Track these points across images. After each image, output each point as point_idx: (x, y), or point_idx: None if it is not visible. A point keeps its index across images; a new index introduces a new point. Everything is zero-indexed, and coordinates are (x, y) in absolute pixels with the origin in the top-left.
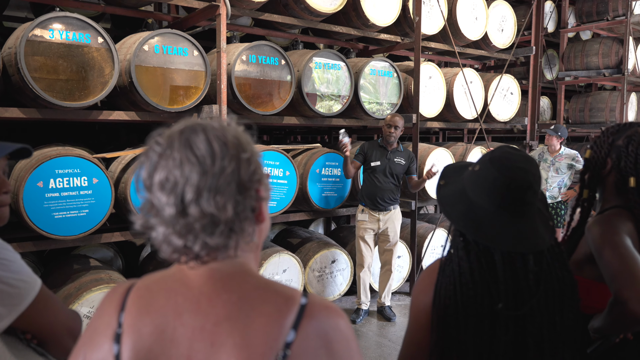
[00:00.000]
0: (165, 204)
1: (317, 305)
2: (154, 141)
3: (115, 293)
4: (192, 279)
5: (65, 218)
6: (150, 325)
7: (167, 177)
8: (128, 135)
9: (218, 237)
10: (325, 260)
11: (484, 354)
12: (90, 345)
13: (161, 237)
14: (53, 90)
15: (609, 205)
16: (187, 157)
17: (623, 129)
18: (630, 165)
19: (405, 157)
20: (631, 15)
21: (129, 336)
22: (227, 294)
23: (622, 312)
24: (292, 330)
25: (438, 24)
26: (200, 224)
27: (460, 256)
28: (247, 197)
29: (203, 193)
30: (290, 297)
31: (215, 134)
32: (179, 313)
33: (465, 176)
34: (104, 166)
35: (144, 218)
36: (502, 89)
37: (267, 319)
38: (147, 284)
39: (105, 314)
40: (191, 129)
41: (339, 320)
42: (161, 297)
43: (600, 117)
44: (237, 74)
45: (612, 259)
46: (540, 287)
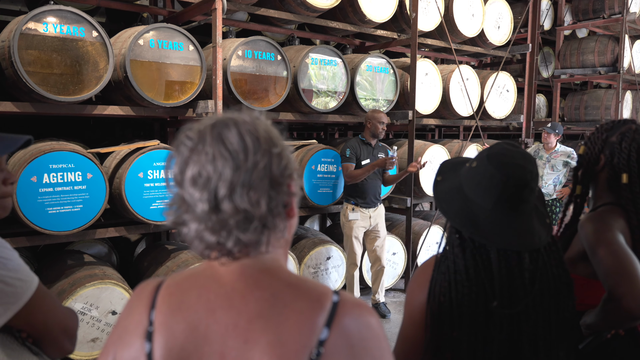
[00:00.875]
0: (198, 200)
1: (349, 303)
2: (185, 135)
3: (144, 291)
4: (223, 276)
5: (59, 213)
6: (183, 323)
7: (199, 173)
8: (123, 130)
9: (251, 233)
10: (321, 257)
11: (478, 352)
12: (120, 344)
13: (193, 234)
14: (47, 85)
15: (601, 202)
16: (220, 151)
17: (617, 125)
18: (623, 162)
19: (383, 152)
20: (627, 13)
21: (161, 334)
22: (260, 291)
23: (616, 308)
24: (325, 328)
25: (435, 20)
26: (234, 220)
27: (456, 253)
28: (279, 193)
29: (236, 189)
30: (323, 294)
31: (247, 128)
32: (211, 310)
33: (462, 172)
34: (99, 161)
35: (175, 214)
36: (498, 86)
37: (300, 317)
38: (177, 281)
39: (135, 312)
40: (223, 123)
41: (371, 318)
42: (193, 294)
43: (595, 115)
44: (233, 69)
45: (606, 256)
46: (535, 286)
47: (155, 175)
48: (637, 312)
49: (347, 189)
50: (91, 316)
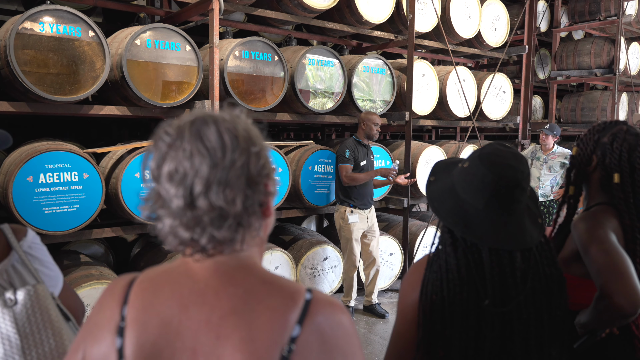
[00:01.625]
0: (174, 196)
1: (321, 301)
2: (164, 131)
3: (116, 286)
4: (197, 272)
5: (55, 213)
6: (155, 318)
7: (176, 169)
8: (119, 130)
9: (226, 230)
10: (317, 257)
11: (470, 350)
12: (90, 340)
13: (167, 229)
14: (43, 84)
15: (594, 202)
16: (198, 148)
17: (609, 126)
18: (615, 162)
19: (373, 152)
20: (623, 15)
21: (133, 329)
22: (233, 288)
23: (608, 306)
24: (297, 325)
25: (431, 21)
26: (209, 217)
27: (448, 252)
28: (255, 192)
29: (212, 186)
30: (296, 292)
31: (226, 126)
32: (184, 306)
33: (455, 173)
34: (95, 161)
35: (150, 208)
36: (495, 87)
37: (273, 314)
38: (151, 277)
39: (107, 308)
40: (202, 120)
41: (343, 317)
42: (166, 290)
43: (591, 117)
44: (230, 69)
45: (598, 254)
46: (527, 284)
47: None
48: (628, 309)
49: (344, 192)
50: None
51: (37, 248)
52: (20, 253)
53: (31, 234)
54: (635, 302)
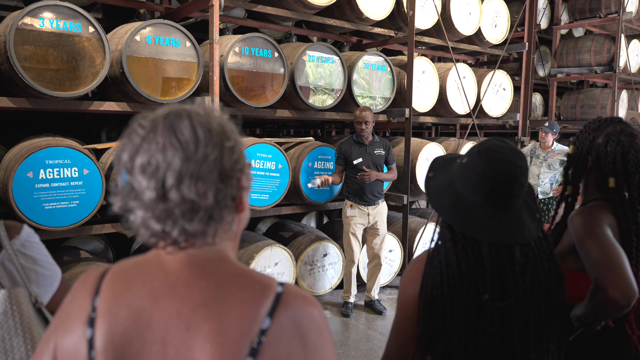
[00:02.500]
0: (146, 188)
1: (292, 294)
2: (138, 124)
3: (88, 278)
4: (169, 264)
5: (56, 209)
6: (126, 309)
7: (149, 161)
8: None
9: (197, 223)
10: (317, 254)
11: (470, 344)
12: (62, 330)
13: (139, 221)
14: (43, 80)
15: (591, 198)
16: (171, 141)
17: (603, 125)
18: (609, 166)
19: (383, 146)
20: (623, 12)
21: (103, 320)
22: (204, 280)
23: (602, 298)
24: (267, 317)
25: (432, 18)
26: (180, 210)
27: (448, 247)
28: (228, 186)
29: (184, 179)
30: (267, 285)
31: (199, 121)
32: (155, 298)
33: (454, 168)
34: (95, 157)
35: (122, 200)
36: (495, 84)
37: (243, 306)
38: (123, 268)
39: (78, 299)
40: (176, 114)
41: (314, 310)
42: (137, 282)
43: (591, 114)
44: (230, 65)
45: (593, 247)
46: (526, 279)
47: None
48: (622, 301)
49: (345, 187)
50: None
51: (31, 246)
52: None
53: (26, 231)
54: (629, 295)
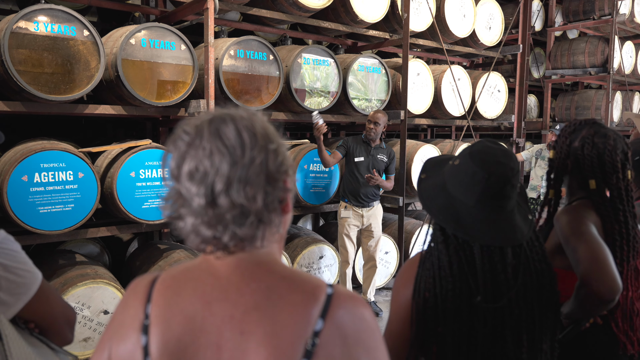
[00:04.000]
0: (195, 195)
1: (343, 295)
2: (182, 130)
3: (139, 285)
4: (219, 269)
5: (51, 213)
6: (179, 315)
7: (196, 167)
8: (114, 129)
9: (247, 228)
10: (313, 256)
11: (463, 346)
12: (116, 338)
13: (189, 228)
14: (38, 84)
15: (575, 197)
16: (217, 147)
17: (578, 128)
18: (588, 169)
19: (386, 154)
20: (617, 14)
21: (157, 327)
22: (255, 283)
23: (588, 293)
24: (320, 319)
25: (426, 21)
26: (231, 215)
27: (440, 249)
28: (275, 188)
29: (233, 184)
30: (317, 286)
31: (244, 124)
32: (207, 302)
33: (446, 170)
34: (90, 161)
35: (171, 208)
36: (490, 86)
37: (296, 308)
38: (172, 275)
39: (131, 307)
40: (220, 118)
41: (365, 311)
42: (189, 287)
43: (586, 115)
44: (225, 68)
45: (579, 245)
46: (518, 280)
47: (147, 174)
48: (607, 296)
49: (341, 187)
50: (83, 316)
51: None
52: None
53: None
54: (613, 289)
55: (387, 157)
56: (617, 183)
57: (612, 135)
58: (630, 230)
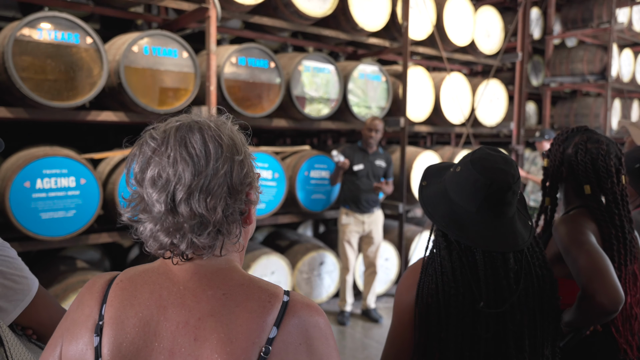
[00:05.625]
0: (156, 201)
1: (299, 302)
2: (149, 135)
3: (95, 284)
4: (176, 274)
5: (53, 219)
6: (134, 318)
7: (159, 174)
8: (116, 136)
9: (205, 237)
10: (313, 262)
11: (466, 351)
12: (68, 337)
13: (148, 233)
14: (41, 90)
15: (572, 206)
16: (182, 155)
17: (571, 136)
18: (582, 174)
19: (384, 159)
20: (615, 22)
21: (110, 328)
22: (212, 290)
23: (590, 304)
24: (274, 326)
25: (426, 29)
26: (189, 224)
27: (443, 256)
28: (237, 200)
29: (194, 193)
30: (273, 294)
31: (211, 134)
32: (163, 307)
33: (447, 177)
34: (92, 167)
35: (132, 211)
36: (489, 94)
37: (251, 315)
38: (130, 277)
39: (86, 306)
40: (188, 126)
41: (319, 318)
42: (145, 291)
43: (585, 123)
44: (227, 76)
45: (579, 255)
46: (520, 285)
47: None
48: (609, 307)
49: (341, 194)
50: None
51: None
52: None
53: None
54: (616, 300)
55: (385, 162)
56: (612, 188)
57: (605, 141)
58: (626, 234)
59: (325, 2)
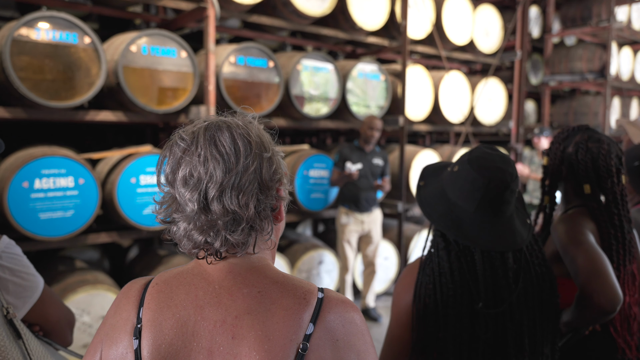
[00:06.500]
0: (189, 200)
1: (334, 299)
2: (178, 136)
3: (131, 289)
4: (211, 274)
5: (51, 219)
6: (172, 319)
7: (191, 173)
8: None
9: (239, 234)
10: (312, 261)
11: (464, 351)
12: (107, 341)
13: (182, 232)
14: (39, 90)
15: (571, 205)
16: (212, 154)
17: (572, 134)
18: (582, 173)
19: (382, 157)
20: (614, 21)
21: (149, 330)
22: (248, 288)
23: (588, 304)
24: (311, 323)
25: (425, 28)
26: (223, 221)
27: (441, 256)
28: (268, 196)
29: (226, 190)
30: (308, 291)
31: (239, 132)
32: (199, 307)
33: (444, 177)
34: (91, 166)
35: (164, 212)
36: (488, 92)
37: (287, 312)
38: (165, 279)
39: (123, 310)
40: (216, 126)
41: (355, 314)
42: (181, 292)
43: (584, 121)
44: (225, 75)
45: (577, 255)
46: (519, 285)
47: (148, 180)
48: (608, 307)
49: (340, 194)
50: (83, 322)
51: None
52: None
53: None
54: (614, 301)
55: (383, 160)
56: (612, 187)
57: (606, 140)
58: (625, 234)
59: (324, 1)
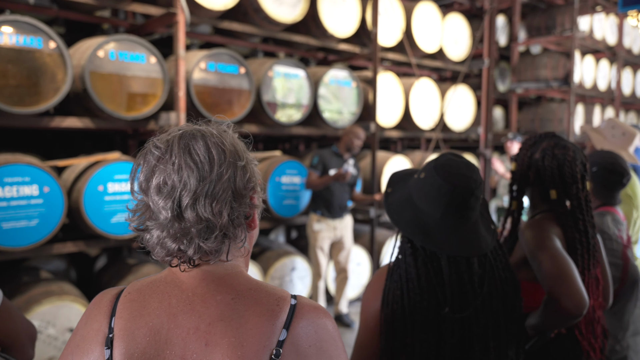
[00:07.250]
0: (162, 208)
1: (306, 305)
2: (153, 144)
3: (102, 299)
4: (184, 281)
5: (15, 228)
6: (144, 328)
7: (165, 181)
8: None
9: (212, 242)
10: (285, 268)
11: (431, 356)
12: (78, 353)
13: (155, 240)
14: (2, 96)
15: (538, 210)
16: (186, 162)
17: (539, 141)
18: (549, 179)
19: (356, 167)
20: (577, 30)
21: (121, 340)
22: (221, 295)
23: (555, 308)
24: (284, 329)
25: (396, 36)
26: (196, 229)
27: (408, 262)
28: (241, 204)
29: (200, 198)
30: (281, 297)
31: (214, 141)
32: (173, 315)
33: (411, 183)
34: (57, 174)
35: (138, 220)
36: (458, 99)
37: (260, 319)
38: (138, 288)
39: (94, 321)
40: (191, 134)
41: (327, 321)
42: (154, 300)
43: (549, 127)
44: (196, 81)
45: (544, 260)
46: (484, 289)
47: (116, 188)
48: (574, 311)
49: (313, 200)
50: (48, 334)
51: None
52: None
53: None
54: (581, 304)
55: (356, 170)
56: (577, 193)
57: (572, 147)
58: (590, 239)
59: (295, 8)
